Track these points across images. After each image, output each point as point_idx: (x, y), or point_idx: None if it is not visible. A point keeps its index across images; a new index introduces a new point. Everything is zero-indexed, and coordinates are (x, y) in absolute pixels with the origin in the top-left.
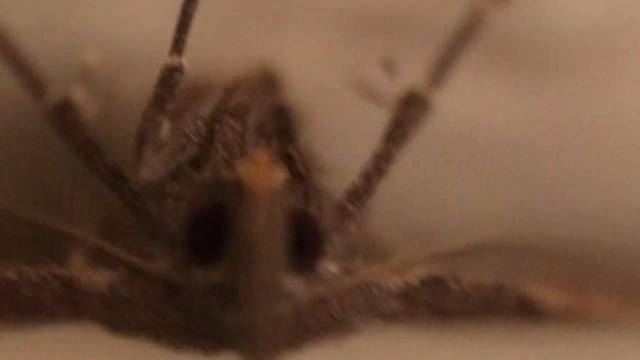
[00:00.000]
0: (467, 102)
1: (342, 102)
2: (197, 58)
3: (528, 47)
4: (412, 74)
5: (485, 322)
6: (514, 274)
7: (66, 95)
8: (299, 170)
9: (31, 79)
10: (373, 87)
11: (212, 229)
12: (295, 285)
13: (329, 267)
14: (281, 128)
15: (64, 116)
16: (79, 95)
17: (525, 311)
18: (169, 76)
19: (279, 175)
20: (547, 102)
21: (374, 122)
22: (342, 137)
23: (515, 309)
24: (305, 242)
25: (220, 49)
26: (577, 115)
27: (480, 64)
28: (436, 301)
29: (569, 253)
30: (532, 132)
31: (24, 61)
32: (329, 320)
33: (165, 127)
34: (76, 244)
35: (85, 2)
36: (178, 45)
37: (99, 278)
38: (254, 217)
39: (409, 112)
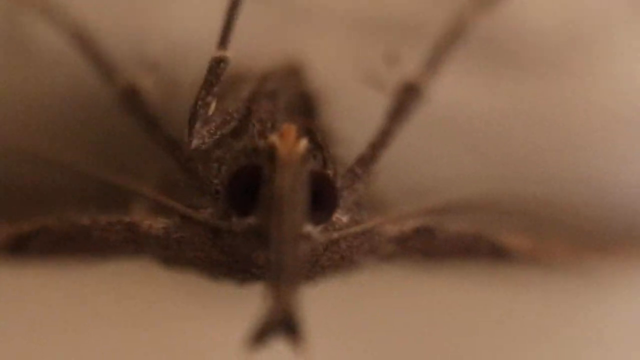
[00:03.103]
0: (456, 89)
1: (352, 88)
2: (238, 51)
3: (512, 42)
4: (410, 66)
5: (465, 264)
6: (490, 225)
7: (133, 82)
8: (318, 141)
9: (106, 68)
10: (377, 77)
11: (248, 185)
12: (314, 231)
13: (341, 217)
14: (304, 108)
15: (131, 99)
16: (144, 81)
17: (498, 255)
18: (216, 66)
19: (303, 144)
20: (525, 91)
21: (378, 105)
22: (352, 116)
23: (490, 253)
24: (322, 198)
25: (256, 44)
26: (551, 103)
27: (468, 58)
28: (425, 246)
29: (535, 210)
30: (510, 114)
31: (100, 53)
32: (339, 259)
33: (213, 106)
34: (139, 197)
35: (150, 4)
36: (224, 40)
37: (156, 224)
38: (282, 177)
39: (406, 98)
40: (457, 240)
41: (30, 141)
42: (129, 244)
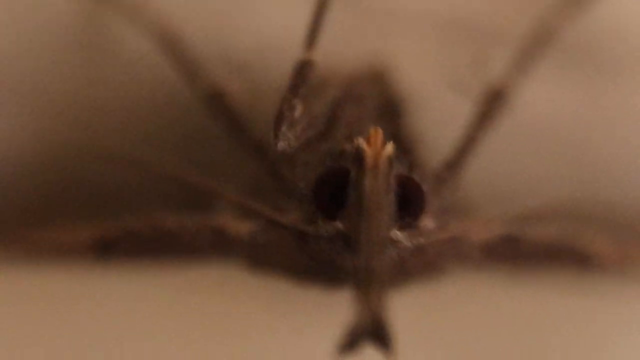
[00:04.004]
0: (542, 94)
1: (438, 92)
2: (325, 54)
3: (598, 47)
4: (496, 71)
5: (551, 271)
6: (575, 232)
7: (219, 85)
8: (405, 145)
9: (192, 70)
10: (463, 82)
11: (335, 189)
12: (400, 236)
13: (427, 222)
14: (390, 112)
15: (217, 102)
16: (230, 84)
17: (584, 262)
18: (303, 69)
19: (389, 148)
20: (611, 96)
21: (464, 109)
22: (438, 120)
23: (576, 260)
24: (410, 202)
25: (342, 48)
26: (637, 109)
27: (553, 63)
28: (511, 252)
29: (621, 216)
30: (596, 119)
31: (187, 56)
32: (424, 265)
33: (299, 109)
34: (225, 200)
35: (236, 7)
36: (310, 43)
37: (243, 227)
38: (370, 180)
39: (492, 103)
40: (543, 247)
41: (116, 144)
42: (214, 247)
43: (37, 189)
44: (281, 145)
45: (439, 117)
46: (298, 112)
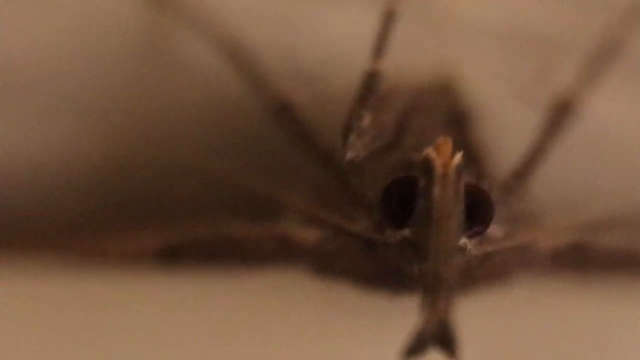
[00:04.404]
0: (609, 105)
1: (506, 103)
2: (392, 64)
3: None
4: (564, 82)
5: (618, 280)
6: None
7: (286, 95)
8: (473, 155)
9: (258, 81)
10: (530, 93)
11: (403, 198)
12: (469, 244)
13: (495, 230)
14: (458, 123)
15: (284, 113)
16: (297, 94)
17: None
18: (370, 79)
19: (457, 158)
20: None
21: (531, 119)
22: (504, 132)
23: None
24: (478, 211)
25: (409, 58)
26: None
27: (621, 74)
28: (578, 261)
29: None
30: None
31: (253, 66)
32: (492, 272)
33: (367, 119)
34: (292, 208)
35: (303, 17)
36: (378, 54)
37: (309, 235)
38: (439, 189)
39: (559, 115)
40: (612, 257)
41: (182, 153)
42: (281, 255)
43: (103, 197)
44: (350, 154)
45: (505, 127)
46: (366, 122)
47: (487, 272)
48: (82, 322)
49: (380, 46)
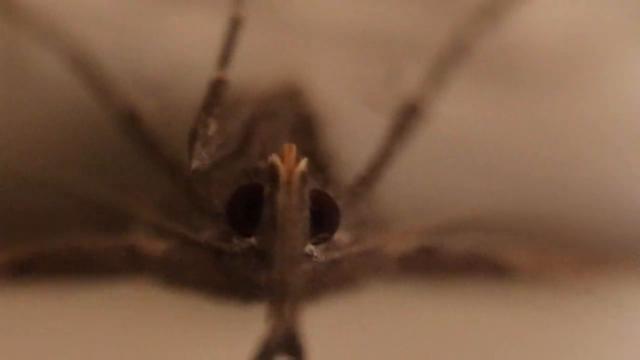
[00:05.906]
0: (458, 107)
1: (352, 108)
2: (238, 72)
3: (513, 60)
4: (411, 85)
5: (468, 283)
6: (493, 243)
7: (133, 105)
8: (319, 161)
9: (105, 91)
10: (377, 97)
11: (249, 206)
12: (315, 250)
13: (342, 236)
14: (305, 129)
15: (131, 122)
16: (144, 104)
17: (501, 273)
18: (216, 87)
19: (303, 164)
20: (527, 108)
21: (379, 124)
22: (352, 137)
23: (493, 271)
24: (323, 217)
25: (256, 65)
26: (553, 120)
27: (469, 76)
28: (427, 265)
29: (538, 227)
30: (512, 131)
31: (99, 76)
32: (341, 278)
33: (213, 127)
34: (139, 219)
35: (149, 26)
36: (223, 61)
37: (157, 246)
38: (283, 196)
39: (407, 118)
40: (460, 259)
41: (29, 165)
42: (129, 266)
43: None
44: (195, 163)
45: (354, 132)
46: (212, 130)
47: (335, 279)
48: None
49: (226, 53)
